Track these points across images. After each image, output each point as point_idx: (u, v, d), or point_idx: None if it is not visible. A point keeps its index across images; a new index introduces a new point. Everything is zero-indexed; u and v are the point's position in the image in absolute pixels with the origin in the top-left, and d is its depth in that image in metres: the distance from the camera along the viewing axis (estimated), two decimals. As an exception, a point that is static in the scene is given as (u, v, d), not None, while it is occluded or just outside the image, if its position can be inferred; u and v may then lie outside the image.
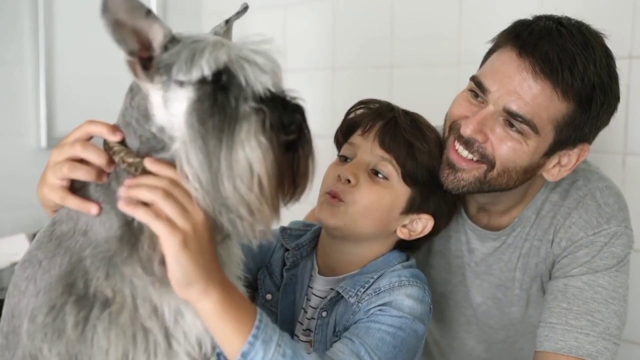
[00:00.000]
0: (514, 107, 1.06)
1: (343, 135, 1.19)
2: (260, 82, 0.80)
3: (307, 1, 2.18)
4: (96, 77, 2.15)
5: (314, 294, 1.17)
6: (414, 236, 1.15)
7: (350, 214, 1.09)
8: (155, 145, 0.84)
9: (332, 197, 1.10)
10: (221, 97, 0.79)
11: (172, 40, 0.82)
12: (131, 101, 0.86)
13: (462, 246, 1.28)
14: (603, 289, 1.12)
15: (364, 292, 1.07)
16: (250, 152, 0.77)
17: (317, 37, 2.17)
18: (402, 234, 1.14)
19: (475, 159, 1.11)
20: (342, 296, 1.09)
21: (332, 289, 1.13)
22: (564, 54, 1.04)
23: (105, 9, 0.76)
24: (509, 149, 1.09)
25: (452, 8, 1.83)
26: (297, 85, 0.85)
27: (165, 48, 0.81)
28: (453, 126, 1.15)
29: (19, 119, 2.06)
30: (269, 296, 1.18)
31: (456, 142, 1.13)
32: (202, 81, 0.80)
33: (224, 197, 0.78)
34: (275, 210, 0.81)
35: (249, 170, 0.77)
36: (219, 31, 0.94)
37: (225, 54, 0.80)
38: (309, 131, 0.83)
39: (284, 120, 0.79)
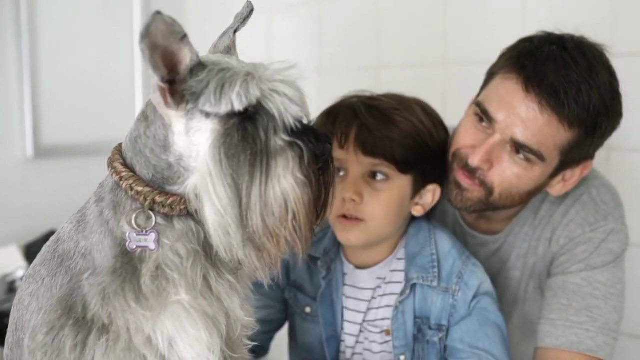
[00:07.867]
0: (521, 138, 1.08)
1: None
2: (290, 114, 0.80)
3: (293, 5, 2.18)
4: (81, 86, 2.14)
5: (358, 287, 1.19)
6: (428, 208, 1.18)
7: (371, 229, 1.13)
8: (170, 177, 0.83)
9: (347, 219, 1.12)
10: (251, 130, 0.78)
11: (199, 65, 0.80)
12: (146, 130, 0.84)
13: None
14: (602, 285, 1.15)
15: (440, 272, 1.13)
16: (288, 188, 0.77)
17: (303, 40, 2.17)
18: (417, 211, 1.18)
19: (476, 182, 1.13)
20: (417, 283, 1.13)
21: (378, 277, 1.17)
22: (569, 85, 1.05)
23: (147, 34, 0.73)
24: (513, 176, 1.11)
25: (437, 9, 1.85)
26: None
27: (191, 72, 0.80)
28: (457, 154, 1.15)
29: (4, 128, 2.04)
30: (308, 309, 1.21)
31: (461, 168, 1.14)
32: (230, 114, 0.78)
33: (250, 232, 0.78)
34: (308, 242, 0.82)
35: (285, 207, 0.77)
36: (229, 44, 0.91)
37: (257, 88, 0.79)
38: (332, 159, 0.84)
39: (317, 152, 0.80)
